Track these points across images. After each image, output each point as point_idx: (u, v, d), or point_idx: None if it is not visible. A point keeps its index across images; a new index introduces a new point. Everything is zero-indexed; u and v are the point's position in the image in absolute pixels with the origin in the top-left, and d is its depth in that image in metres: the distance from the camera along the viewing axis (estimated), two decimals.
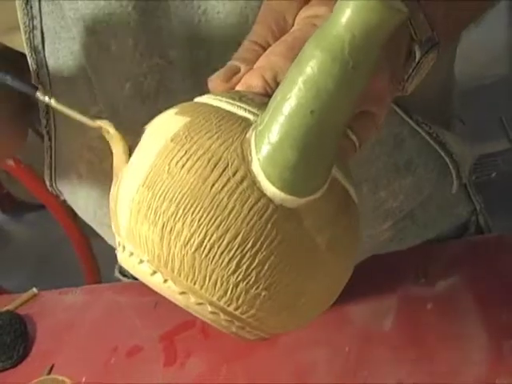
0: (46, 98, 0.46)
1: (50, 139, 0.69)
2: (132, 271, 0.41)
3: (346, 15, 0.34)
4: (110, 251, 0.86)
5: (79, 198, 0.73)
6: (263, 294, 0.38)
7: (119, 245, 0.42)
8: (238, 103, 0.40)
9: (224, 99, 0.41)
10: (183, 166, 0.37)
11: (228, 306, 0.38)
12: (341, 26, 0.34)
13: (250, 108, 0.40)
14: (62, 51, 0.61)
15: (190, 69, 0.58)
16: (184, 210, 0.37)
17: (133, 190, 0.39)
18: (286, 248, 0.37)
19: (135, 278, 0.99)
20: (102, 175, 0.67)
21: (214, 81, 0.44)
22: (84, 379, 0.76)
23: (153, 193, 0.38)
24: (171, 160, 0.38)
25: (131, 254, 0.40)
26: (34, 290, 0.90)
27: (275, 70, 0.42)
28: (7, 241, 2.26)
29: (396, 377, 0.66)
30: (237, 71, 0.44)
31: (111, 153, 0.65)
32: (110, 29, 0.57)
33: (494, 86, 1.97)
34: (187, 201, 0.37)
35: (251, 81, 0.43)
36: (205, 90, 0.59)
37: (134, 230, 0.39)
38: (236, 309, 0.38)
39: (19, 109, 0.71)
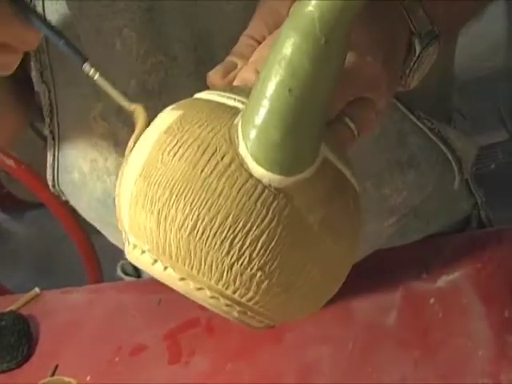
0: (92, 71, 0.48)
1: (53, 138, 0.69)
2: (136, 263, 0.42)
3: None
4: (112, 249, 0.86)
5: (82, 196, 0.73)
6: (258, 274, 0.38)
7: (125, 239, 0.43)
8: (228, 94, 0.42)
9: (216, 92, 0.43)
10: (175, 154, 0.39)
11: (226, 289, 0.39)
12: (310, 4, 0.36)
13: (239, 97, 0.41)
14: None
15: (194, 65, 0.59)
16: (177, 195, 0.38)
17: (131, 182, 0.40)
18: (276, 227, 0.38)
19: (138, 276, 0.99)
20: (106, 173, 0.67)
21: (212, 77, 0.45)
22: (88, 378, 0.76)
23: (148, 182, 0.39)
24: (164, 150, 0.39)
25: (134, 246, 0.42)
26: (37, 289, 0.90)
27: None
28: (8, 239, 2.26)
29: (400, 372, 0.66)
30: (234, 67, 0.44)
31: (115, 151, 0.65)
32: (114, 26, 0.57)
33: (491, 77, 1.97)
34: (179, 186, 0.38)
35: (246, 75, 0.44)
36: (209, 87, 0.60)
37: (134, 220, 0.40)
38: (234, 292, 0.39)
39: (17, 94, 0.71)
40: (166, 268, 0.40)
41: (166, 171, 0.38)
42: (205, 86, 0.59)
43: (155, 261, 0.40)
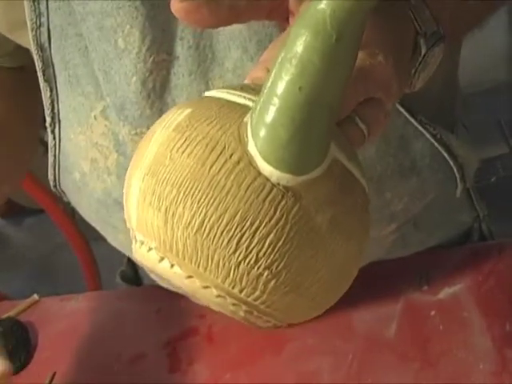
0: None
1: (54, 138, 0.69)
2: (143, 261, 0.42)
3: None
4: (111, 256, 0.86)
5: (82, 196, 0.73)
6: (265, 273, 0.38)
7: (132, 237, 0.43)
8: (239, 92, 0.42)
9: (226, 90, 0.43)
10: (183, 151, 0.39)
11: (233, 288, 0.39)
12: (322, 2, 0.35)
13: (249, 96, 0.41)
14: (69, 48, 0.62)
15: (197, 64, 0.59)
16: (184, 192, 0.38)
17: (139, 179, 0.40)
18: (284, 226, 0.38)
19: (137, 284, 0.99)
20: (106, 173, 0.67)
21: None
22: None
23: (156, 179, 0.39)
24: (173, 147, 0.39)
25: (141, 243, 0.42)
26: (36, 296, 0.90)
27: None
28: (6, 245, 2.25)
29: None
30: None
31: (116, 150, 0.65)
32: (117, 23, 0.57)
33: (493, 90, 1.98)
34: (187, 184, 0.38)
35: (256, 73, 0.43)
36: (211, 86, 0.60)
37: (141, 218, 0.40)
38: (241, 291, 0.39)
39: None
40: (172, 266, 0.40)
41: (174, 169, 0.38)
42: (207, 85, 0.60)
43: (162, 258, 0.40)
